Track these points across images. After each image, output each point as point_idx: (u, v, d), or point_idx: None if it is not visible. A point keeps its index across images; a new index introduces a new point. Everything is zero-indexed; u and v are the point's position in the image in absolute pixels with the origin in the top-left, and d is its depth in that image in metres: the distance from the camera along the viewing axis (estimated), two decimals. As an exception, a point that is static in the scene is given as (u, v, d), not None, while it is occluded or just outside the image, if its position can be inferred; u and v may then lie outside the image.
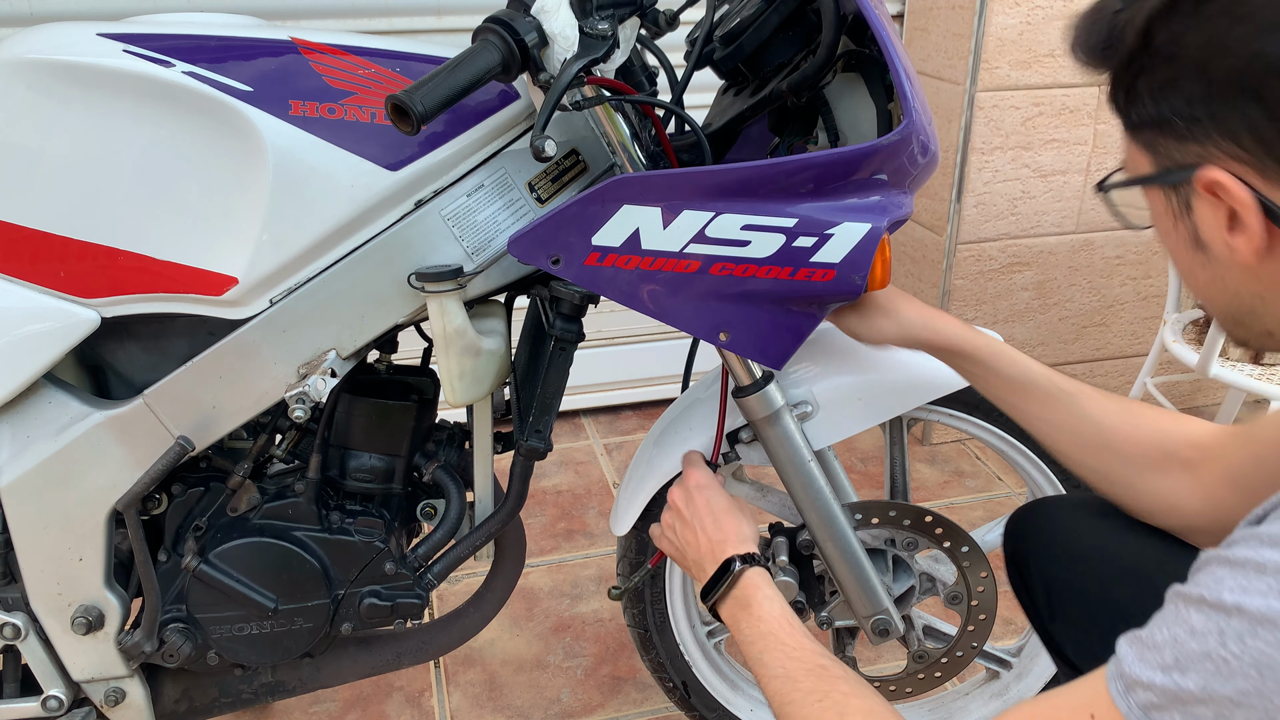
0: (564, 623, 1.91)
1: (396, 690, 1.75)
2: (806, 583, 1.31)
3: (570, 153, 1.09)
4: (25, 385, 1.08)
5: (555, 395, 1.16)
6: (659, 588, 1.39)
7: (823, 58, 1.03)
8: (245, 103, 1.00)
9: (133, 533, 1.13)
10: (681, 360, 1.63)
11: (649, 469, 1.30)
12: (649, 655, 1.45)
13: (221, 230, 1.03)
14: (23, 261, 1.06)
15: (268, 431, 1.20)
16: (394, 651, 1.36)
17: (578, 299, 1.12)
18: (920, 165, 1.02)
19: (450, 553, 1.26)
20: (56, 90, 1.01)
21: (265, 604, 1.19)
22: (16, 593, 1.18)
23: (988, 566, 1.29)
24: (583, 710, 1.71)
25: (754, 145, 1.25)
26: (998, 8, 2.19)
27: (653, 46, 1.19)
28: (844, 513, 1.21)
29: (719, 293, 1.03)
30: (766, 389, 1.17)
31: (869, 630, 1.27)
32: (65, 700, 1.22)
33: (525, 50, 0.93)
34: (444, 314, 1.07)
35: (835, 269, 1.00)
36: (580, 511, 2.26)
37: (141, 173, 1.02)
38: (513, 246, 1.03)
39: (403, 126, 0.89)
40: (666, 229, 1.00)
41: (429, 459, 1.25)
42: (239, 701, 1.32)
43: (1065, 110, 2.34)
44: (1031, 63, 2.27)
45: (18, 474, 1.10)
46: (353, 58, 1.04)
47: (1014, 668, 1.47)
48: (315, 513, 1.19)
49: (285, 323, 1.07)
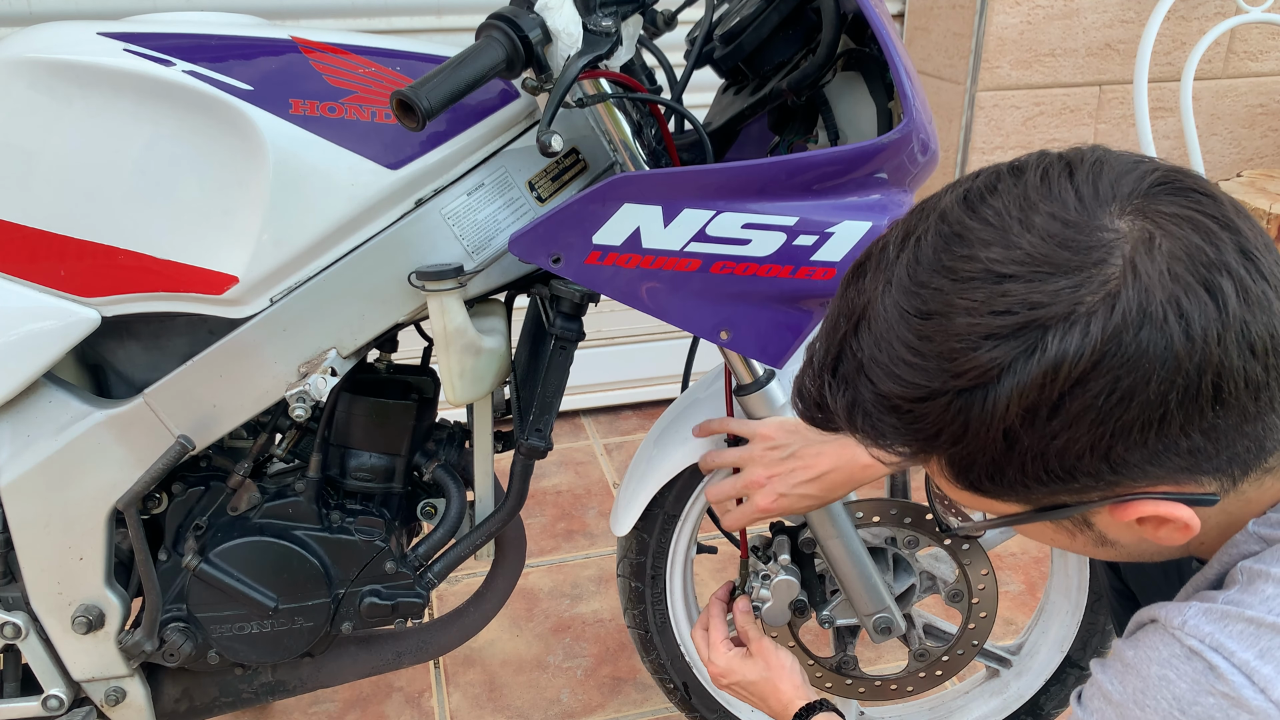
0: (564, 623, 1.91)
1: (396, 690, 1.74)
2: (808, 581, 1.31)
3: (570, 151, 1.09)
4: (26, 384, 1.08)
5: (555, 394, 1.16)
6: (659, 588, 1.39)
7: (823, 56, 1.03)
8: (246, 101, 1.00)
9: (133, 532, 1.13)
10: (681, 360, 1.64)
11: (649, 469, 1.30)
12: (650, 656, 1.45)
13: (222, 229, 1.03)
14: (23, 260, 1.06)
15: (268, 430, 1.20)
16: (394, 651, 1.35)
17: (578, 298, 1.12)
18: (920, 164, 1.02)
19: (450, 552, 1.26)
20: (57, 89, 1.01)
21: (265, 603, 1.19)
22: (17, 592, 1.18)
23: (988, 564, 1.29)
24: (583, 710, 1.71)
25: (754, 144, 1.25)
26: (998, 7, 2.19)
27: (651, 46, 1.19)
28: (845, 511, 1.21)
29: (720, 291, 1.03)
30: (768, 387, 1.17)
31: (870, 628, 1.27)
32: (65, 700, 1.22)
33: (529, 47, 0.93)
34: (444, 313, 1.07)
35: (836, 267, 1.00)
36: (580, 511, 2.26)
37: (142, 171, 1.02)
38: (513, 245, 1.03)
39: (408, 123, 0.89)
40: (667, 228, 1.00)
41: (429, 458, 1.25)
42: (239, 701, 1.32)
43: (1066, 110, 2.34)
44: (1032, 62, 2.27)
45: (18, 473, 1.10)
46: (353, 57, 1.04)
47: (1014, 666, 1.47)
48: (315, 512, 1.19)
49: (286, 321, 1.07)
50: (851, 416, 0.65)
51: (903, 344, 0.61)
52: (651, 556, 1.36)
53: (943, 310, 0.60)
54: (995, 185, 0.63)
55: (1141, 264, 0.57)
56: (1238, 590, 0.63)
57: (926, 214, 0.64)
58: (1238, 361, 0.57)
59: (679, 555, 1.37)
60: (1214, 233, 0.58)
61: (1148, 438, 0.58)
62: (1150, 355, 0.56)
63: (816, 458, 1.11)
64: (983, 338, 0.58)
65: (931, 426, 0.62)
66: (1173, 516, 0.62)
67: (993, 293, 0.58)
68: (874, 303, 0.63)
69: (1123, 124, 2.41)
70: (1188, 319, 0.56)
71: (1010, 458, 0.61)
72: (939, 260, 0.61)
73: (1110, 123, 2.40)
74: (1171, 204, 0.59)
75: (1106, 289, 0.57)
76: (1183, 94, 2.09)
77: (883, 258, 0.65)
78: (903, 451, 0.65)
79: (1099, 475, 0.61)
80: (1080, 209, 0.59)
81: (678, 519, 1.34)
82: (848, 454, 1.10)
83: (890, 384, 0.62)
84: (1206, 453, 0.60)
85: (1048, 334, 0.57)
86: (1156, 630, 0.64)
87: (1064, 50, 2.29)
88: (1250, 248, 0.58)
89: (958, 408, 0.60)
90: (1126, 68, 2.35)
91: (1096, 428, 0.58)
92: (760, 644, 1.18)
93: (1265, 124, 2.55)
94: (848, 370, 0.65)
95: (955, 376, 0.59)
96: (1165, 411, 0.57)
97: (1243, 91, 2.50)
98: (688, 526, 1.35)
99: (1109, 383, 0.57)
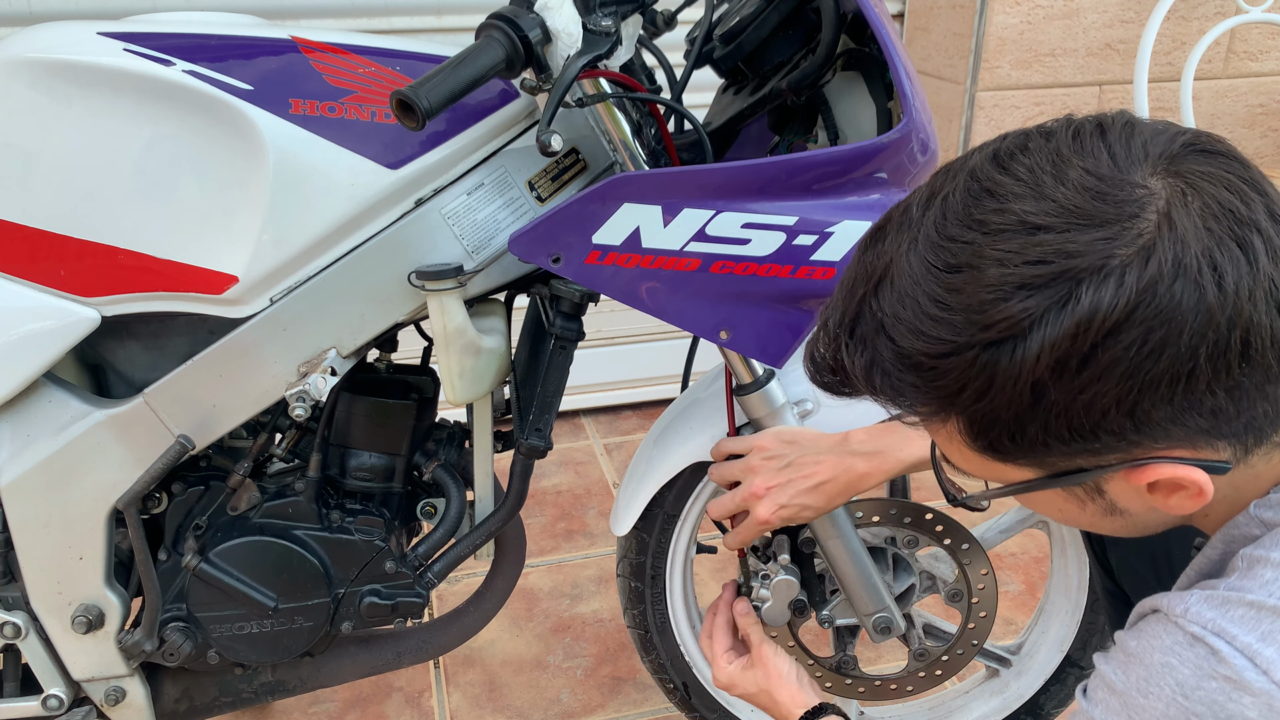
0: (564, 623, 1.91)
1: (396, 690, 1.74)
2: (808, 581, 1.31)
3: (570, 151, 1.09)
4: (25, 384, 1.08)
5: (555, 394, 1.16)
6: (659, 588, 1.39)
7: (822, 56, 1.03)
8: (246, 101, 1.00)
9: (133, 531, 1.13)
10: (681, 360, 1.63)
11: (649, 469, 1.30)
12: (649, 656, 1.45)
13: (222, 229, 1.03)
14: (23, 260, 1.06)
15: (268, 430, 1.20)
16: (394, 651, 1.35)
17: (578, 297, 1.12)
18: (920, 164, 1.02)
19: (450, 552, 1.26)
20: (57, 89, 1.01)
21: (265, 603, 1.19)
22: (17, 592, 1.18)
23: (988, 564, 1.29)
24: (582, 710, 1.71)
25: (754, 144, 1.26)
26: (998, 7, 2.19)
27: (651, 46, 1.19)
28: (845, 511, 1.21)
29: (719, 291, 1.03)
30: (768, 387, 1.17)
31: (870, 628, 1.27)
32: (65, 699, 1.22)
33: (529, 47, 0.93)
34: (444, 312, 1.07)
35: (836, 267, 1.00)
36: (580, 511, 2.26)
37: (142, 171, 1.02)
38: (513, 245, 1.03)
39: (408, 122, 0.89)
40: (667, 227, 1.00)
41: (429, 458, 1.25)
42: (239, 701, 1.32)
43: (1066, 109, 2.34)
44: (1032, 62, 2.27)
45: (18, 473, 1.10)
46: (353, 56, 1.04)
47: (1014, 665, 1.47)
48: (315, 511, 1.19)
49: (285, 321, 1.07)
50: (870, 376, 0.65)
51: (929, 297, 0.61)
52: (651, 556, 1.36)
53: (972, 262, 0.60)
54: (1026, 144, 0.63)
55: (1177, 216, 0.57)
56: (1238, 577, 0.63)
57: (954, 174, 0.64)
58: (1266, 319, 0.57)
59: (679, 555, 1.37)
60: (1245, 193, 0.59)
61: (1174, 393, 0.59)
62: (1184, 307, 0.56)
63: (815, 467, 1.11)
64: (1016, 287, 0.58)
65: (955, 383, 0.61)
66: (1188, 481, 0.62)
67: (1026, 243, 0.58)
68: (896, 261, 0.63)
69: (1123, 124, 2.40)
70: (1221, 272, 0.57)
71: (1035, 413, 0.61)
72: (969, 214, 0.61)
73: (1110, 123, 2.40)
74: (1204, 163, 0.60)
75: (1141, 241, 0.57)
76: (1183, 94, 2.09)
77: (905, 219, 0.65)
78: (922, 411, 0.65)
79: (1121, 434, 0.61)
80: (1114, 165, 0.60)
81: (678, 519, 1.34)
82: (845, 463, 1.10)
83: (913, 340, 0.62)
84: (1227, 414, 0.60)
85: (1081, 285, 0.57)
86: (1159, 619, 0.65)
87: (1064, 50, 2.29)
88: (1279, 212, 0.59)
89: (984, 361, 0.60)
90: (1126, 68, 2.35)
91: (1125, 381, 0.58)
92: (759, 651, 1.16)
93: (1265, 124, 2.55)
94: (866, 330, 0.65)
95: (984, 329, 0.59)
96: (1195, 366, 0.58)
97: (1243, 91, 2.50)
98: (687, 526, 1.35)
99: (1141, 334, 0.57)
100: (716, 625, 1.23)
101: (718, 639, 1.21)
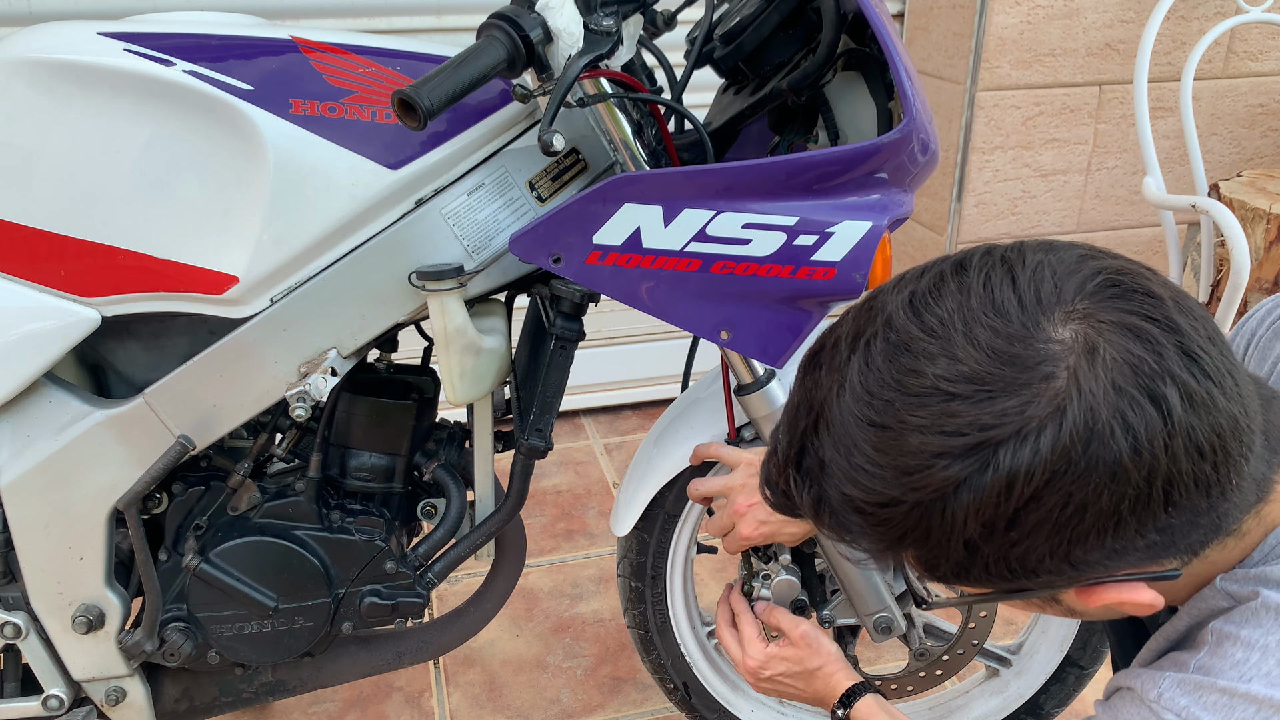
0: (564, 623, 1.91)
1: (396, 690, 1.74)
2: (808, 581, 1.31)
3: (571, 151, 1.09)
4: (26, 384, 1.08)
5: (556, 394, 1.16)
6: (659, 588, 1.39)
7: (823, 56, 1.03)
8: (246, 101, 1.00)
9: (133, 532, 1.13)
10: (681, 360, 1.63)
11: (649, 469, 1.30)
12: (650, 656, 1.45)
13: (222, 229, 1.03)
14: (23, 260, 1.06)
15: (268, 430, 1.20)
16: (394, 651, 1.35)
17: (578, 298, 1.12)
18: (920, 164, 1.02)
19: (451, 552, 1.26)
20: (57, 89, 1.01)
21: (266, 603, 1.19)
22: (17, 592, 1.18)
23: (988, 565, 1.29)
24: (582, 710, 1.71)
25: (754, 144, 1.25)
26: (998, 7, 2.19)
27: (651, 46, 1.19)
28: (845, 511, 1.21)
29: (720, 291, 1.03)
30: (768, 387, 1.17)
31: (871, 628, 1.27)
32: (66, 699, 1.22)
33: (530, 46, 0.93)
34: (444, 312, 1.07)
35: (836, 267, 1.00)
36: (580, 511, 2.26)
37: (142, 171, 1.02)
38: (513, 245, 1.03)
39: (409, 122, 0.89)
40: (667, 228, 1.00)
41: (429, 458, 1.25)
42: (239, 701, 1.32)
43: (1066, 109, 2.34)
44: (1032, 62, 2.27)
45: (18, 473, 1.10)
46: (353, 57, 1.04)
47: (1014, 665, 1.47)
48: (316, 512, 1.19)
49: (286, 321, 1.07)
50: (818, 512, 0.66)
51: (861, 452, 0.62)
52: (651, 556, 1.36)
53: (895, 425, 0.60)
54: (940, 289, 0.63)
55: (1085, 379, 0.57)
56: (1207, 653, 0.64)
57: (874, 315, 0.64)
58: (1186, 466, 0.57)
59: (679, 555, 1.37)
60: (1156, 339, 0.58)
61: (1104, 540, 0.60)
62: (1100, 469, 0.57)
63: None
64: (935, 455, 0.59)
65: (896, 530, 0.63)
66: (1136, 601, 0.63)
67: (942, 411, 0.59)
68: (830, 403, 0.64)
69: (1123, 124, 2.41)
70: (1134, 432, 0.56)
71: (974, 561, 0.62)
72: (889, 370, 0.61)
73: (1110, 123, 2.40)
74: (1115, 308, 0.59)
75: (1056, 402, 0.57)
76: (1183, 94, 2.09)
77: (835, 355, 0.65)
78: (869, 550, 0.66)
79: (1060, 573, 0.62)
80: (1022, 318, 0.59)
81: (678, 519, 1.34)
82: None
83: (852, 488, 0.63)
84: (1164, 545, 0.61)
85: (999, 451, 0.58)
86: (1133, 700, 0.66)
87: (1064, 50, 2.29)
88: (1193, 348, 0.58)
89: (918, 516, 0.61)
90: (1126, 68, 2.35)
91: (1054, 536, 0.59)
92: (799, 631, 1.15)
93: (1265, 124, 2.56)
94: (811, 466, 0.65)
95: (913, 489, 0.60)
96: (1119, 519, 0.58)
97: (1243, 91, 2.50)
98: (688, 526, 1.35)
99: (1061, 498, 0.58)
100: (739, 611, 1.22)
101: (746, 622, 1.20)
